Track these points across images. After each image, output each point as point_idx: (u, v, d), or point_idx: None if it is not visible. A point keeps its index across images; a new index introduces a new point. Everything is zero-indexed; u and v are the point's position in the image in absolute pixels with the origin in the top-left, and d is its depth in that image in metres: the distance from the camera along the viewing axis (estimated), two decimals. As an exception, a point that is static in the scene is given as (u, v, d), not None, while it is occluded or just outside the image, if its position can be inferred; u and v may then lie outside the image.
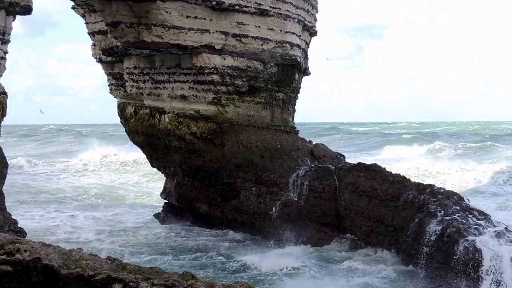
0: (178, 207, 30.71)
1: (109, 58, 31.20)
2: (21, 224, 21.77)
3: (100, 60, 32.46)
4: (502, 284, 15.62)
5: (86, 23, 31.64)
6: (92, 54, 32.71)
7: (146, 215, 32.97)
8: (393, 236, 20.53)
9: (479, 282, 15.89)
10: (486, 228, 17.68)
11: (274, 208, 24.51)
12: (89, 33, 31.85)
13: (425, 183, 22.49)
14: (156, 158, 31.46)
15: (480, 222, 18.04)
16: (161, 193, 32.34)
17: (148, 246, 25.18)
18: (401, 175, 23.01)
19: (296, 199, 24.42)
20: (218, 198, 28.05)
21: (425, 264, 18.14)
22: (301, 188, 24.45)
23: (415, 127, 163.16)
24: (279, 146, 26.82)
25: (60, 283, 6.11)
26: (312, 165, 26.07)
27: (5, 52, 21.13)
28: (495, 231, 17.36)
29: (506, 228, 17.72)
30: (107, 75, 33.54)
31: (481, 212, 18.94)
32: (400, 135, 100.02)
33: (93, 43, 32.32)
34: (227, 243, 25.45)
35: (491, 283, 15.73)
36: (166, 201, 31.70)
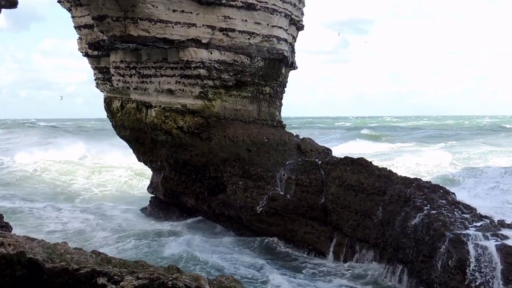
0: (164, 202, 30.72)
1: (96, 52, 31.05)
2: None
3: (86, 54, 32.33)
4: (488, 278, 15.65)
5: (72, 17, 31.45)
6: (79, 48, 32.55)
7: (133, 211, 33.08)
8: (380, 229, 20.57)
9: (465, 276, 15.92)
10: (472, 222, 17.74)
11: (261, 202, 24.51)
12: (75, 27, 31.67)
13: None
14: (143, 153, 31.42)
15: (466, 216, 18.09)
16: (148, 188, 32.35)
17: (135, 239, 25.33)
18: (388, 169, 23.07)
19: (283, 193, 24.42)
20: (205, 192, 28.07)
21: (411, 258, 18.19)
22: (288, 182, 24.46)
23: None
24: (266, 140, 26.82)
25: (44, 277, 6.08)
26: (299, 159, 26.08)
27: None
28: (480, 225, 17.41)
29: (491, 222, 17.78)
30: (93, 69, 33.41)
31: (467, 206, 19.00)
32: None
33: (79, 37, 32.15)
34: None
35: (476, 277, 15.75)
36: (153, 195, 31.71)
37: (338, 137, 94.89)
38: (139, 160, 32.87)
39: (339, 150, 50.70)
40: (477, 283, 15.63)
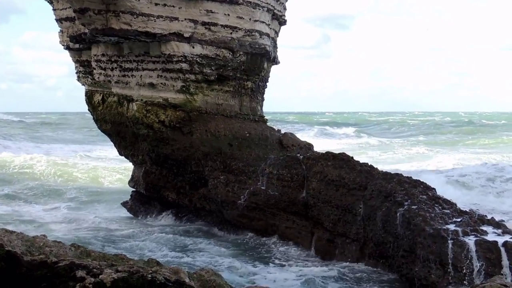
0: (146, 196, 30.64)
1: (77, 45, 30.88)
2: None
3: (67, 47, 32.13)
4: (467, 273, 15.76)
5: (54, 9, 31.23)
6: (60, 41, 32.34)
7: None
8: (361, 224, 20.63)
9: (445, 271, 16.02)
10: (452, 218, 17.84)
11: (242, 197, 24.52)
12: (56, 20, 31.45)
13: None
14: (124, 147, 31.30)
15: (446, 211, 18.18)
16: (129, 182, 32.23)
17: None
18: (369, 164, 23.12)
19: (264, 188, 24.41)
20: (186, 186, 28.02)
21: (392, 253, 18.28)
22: (269, 177, 24.45)
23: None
24: (247, 134, 26.82)
25: (23, 270, 6.05)
26: (281, 154, 26.08)
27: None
28: (461, 220, 17.51)
29: (471, 218, 17.87)
30: (74, 62, 33.21)
31: (447, 201, 19.10)
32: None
33: (60, 30, 31.94)
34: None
35: (456, 272, 15.86)
36: (134, 189, 31.63)
37: (317, 133, 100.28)
38: (120, 154, 32.74)
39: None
40: (456, 278, 15.75)
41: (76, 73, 33.64)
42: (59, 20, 31.23)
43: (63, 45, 32.27)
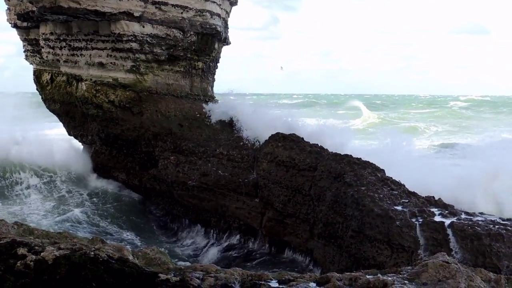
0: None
1: (25, 24, 30.45)
2: None
3: (15, 26, 31.64)
4: (413, 253, 15.96)
5: (0, -14, 30.75)
6: (7, 19, 31.84)
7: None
8: (310, 205, 20.74)
9: (392, 251, 16.21)
10: (400, 199, 18.02)
11: (192, 178, 24.46)
12: (3, -3, 30.98)
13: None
14: (73, 127, 31.00)
15: (394, 192, 18.36)
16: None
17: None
18: (319, 145, 23.22)
19: (214, 169, 24.38)
20: (136, 167, 27.88)
21: (341, 233, 18.42)
22: (219, 158, 24.42)
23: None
24: (198, 115, 26.73)
25: (-38, 248, 5.95)
26: (231, 135, 26.06)
27: None
28: (408, 201, 17.71)
29: (418, 199, 18.09)
30: (22, 41, 32.75)
31: (395, 183, 19.26)
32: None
33: (7, 8, 31.44)
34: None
35: (403, 252, 16.06)
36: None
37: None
38: (69, 134, 32.43)
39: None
40: (404, 258, 15.94)
41: (24, 51, 33.16)
42: (6, -2, 30.73)
43: (10, 23, 31.76)
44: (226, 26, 29.99)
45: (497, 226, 15.30)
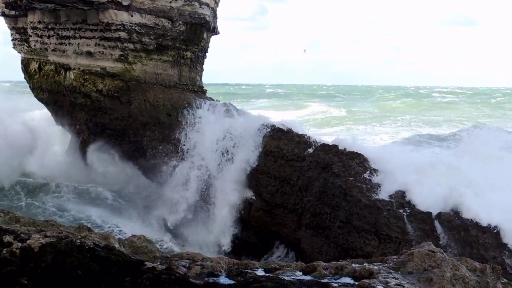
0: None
1: (13, 12, 30.26)
2: None
3: (3, 14, 31.45)
4: (401, 243, 16.01)
5: (-12, -26, 30.51)
6: (-5, 7, 31.65)
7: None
8: (298, 195, 20.79)
9: (380, 241, 16.27)
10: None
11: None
12: (-9, -15, 30.75)
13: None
14: (61, 116, 30.84)
15: (382, 182, 18.41)
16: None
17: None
18: (307, 135, 23.22)
19: (203, 158, 24.40)
20: (125, 156, 27.79)
21: (328, 223, 18.46)
22: (208, 148, 24.43)
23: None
24: (186, 105, 26.67)
25: None
26: (220, 125, 26.04)
27: None
28: (395, 192, 17.75)
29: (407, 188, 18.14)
30: (10, 29, 32.56)
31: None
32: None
33: (-5, -3, 31.24)
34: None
35: (390, 242, 16.11)
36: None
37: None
38: (57, 123, 32.27)
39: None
40: (391, 248, 15.99)
41: (12, 40, 32.98)
42: (-7, -15, 30.51)
43: (-2, 11, 31.57)
44: (215, 16, 29.90)
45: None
